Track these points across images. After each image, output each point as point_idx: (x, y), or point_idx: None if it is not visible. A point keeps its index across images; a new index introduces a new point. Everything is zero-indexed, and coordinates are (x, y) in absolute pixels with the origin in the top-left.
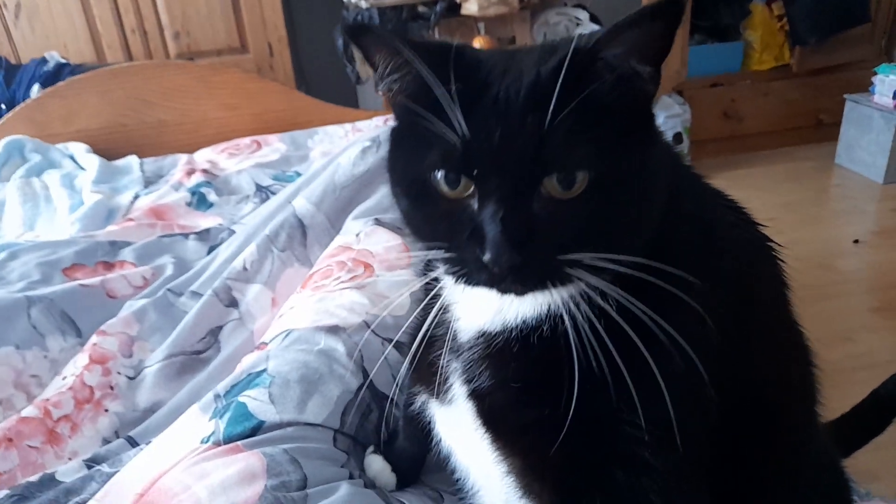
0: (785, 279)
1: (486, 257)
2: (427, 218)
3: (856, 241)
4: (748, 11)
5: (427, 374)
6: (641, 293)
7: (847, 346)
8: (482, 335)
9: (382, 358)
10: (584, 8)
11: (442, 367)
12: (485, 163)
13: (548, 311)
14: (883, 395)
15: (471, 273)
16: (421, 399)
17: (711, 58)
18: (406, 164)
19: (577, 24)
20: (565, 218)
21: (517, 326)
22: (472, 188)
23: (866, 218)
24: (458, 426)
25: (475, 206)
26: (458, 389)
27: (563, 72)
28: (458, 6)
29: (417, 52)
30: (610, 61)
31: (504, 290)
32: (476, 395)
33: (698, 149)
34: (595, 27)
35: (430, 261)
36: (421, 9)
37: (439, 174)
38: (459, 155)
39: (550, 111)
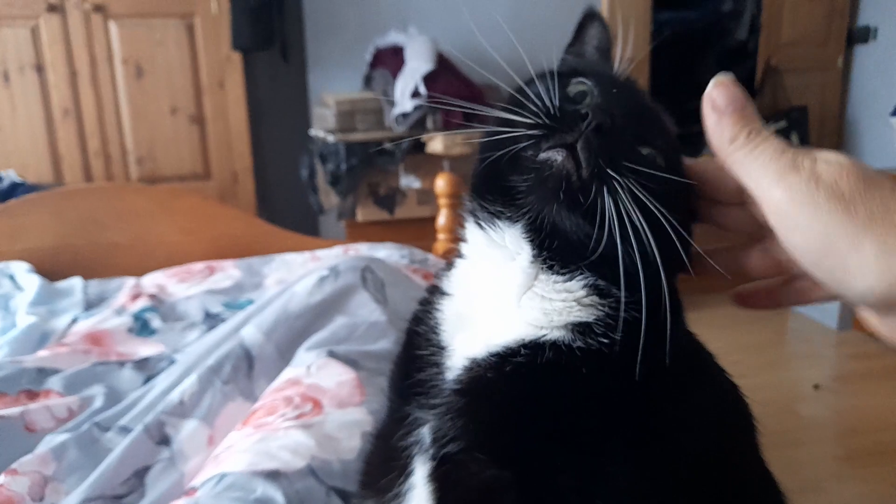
0: (755, 422)
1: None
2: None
3: (816, 387)
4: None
5: (381, 469)
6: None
7: (817, 497)
8: (470, 365)
9: None
10: None
11: (411, 422)
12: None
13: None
14: None
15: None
16: None
17: None
18: None
19: None
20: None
21: (500, 352)
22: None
23: (824, 363)
24: None
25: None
26: (419, 471)
27: None
28: (424, 144)
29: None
30: None
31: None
32: (438, 476)
33: None
34: None
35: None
36: (387, 145)
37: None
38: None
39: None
